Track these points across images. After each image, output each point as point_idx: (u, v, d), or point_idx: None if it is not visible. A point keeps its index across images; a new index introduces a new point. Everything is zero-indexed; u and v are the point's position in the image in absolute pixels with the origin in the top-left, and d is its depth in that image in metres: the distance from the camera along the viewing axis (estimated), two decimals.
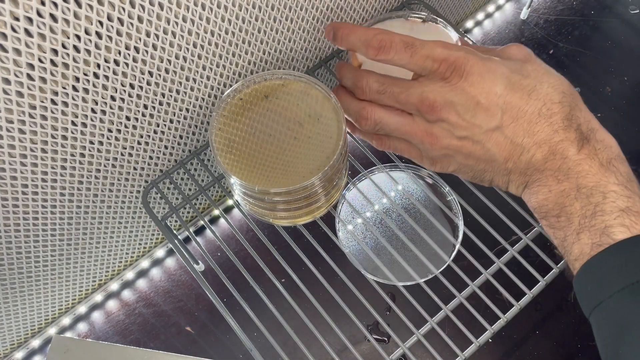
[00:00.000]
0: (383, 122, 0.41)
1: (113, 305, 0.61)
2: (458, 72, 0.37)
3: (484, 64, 0.37)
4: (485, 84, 0.36)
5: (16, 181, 0.40)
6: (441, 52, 0.37)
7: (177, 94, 0.44)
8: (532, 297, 0.43)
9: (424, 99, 0.38)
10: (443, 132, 0.38)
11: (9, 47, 0.31)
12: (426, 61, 0.38)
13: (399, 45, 0.38)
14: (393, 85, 0.40)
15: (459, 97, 0.37)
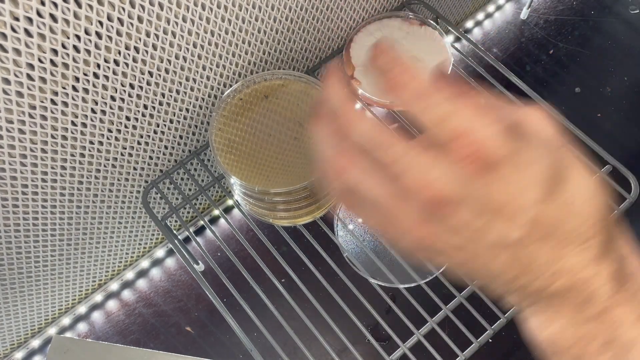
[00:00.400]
0: (361, 188, 0.30)
1: (113, 305, 0.61)
2: (484, 160, 0.27)
3: (519, 152, 0.27)
4: (518, 183, 0.27)
5: (16, 181, 0.40)
6: (465, 121, 0.27)
7: (177, 94, 0.44)
8: None
9: (429, 187, 0.27)
10: (440, 232, 0.29)
11: (9, 47, 0.31)
12: (439, 126, 0.28)
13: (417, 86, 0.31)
14: (384, 149, 0.29)
15: (477, 193, 0.27)
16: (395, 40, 0.50)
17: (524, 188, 0.27)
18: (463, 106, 0.26)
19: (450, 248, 0.28)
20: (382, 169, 0.28)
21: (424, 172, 0.26)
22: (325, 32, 0.52)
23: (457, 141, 0.26)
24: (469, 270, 0.29)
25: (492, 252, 0.28)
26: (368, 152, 0.28)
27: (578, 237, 0.27)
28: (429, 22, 0.50)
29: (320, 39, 0.53)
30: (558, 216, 0.27)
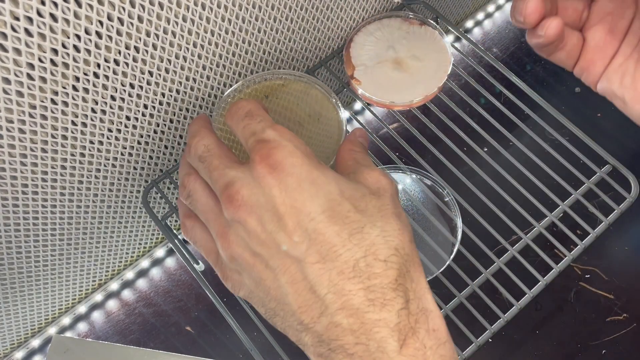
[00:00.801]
0: (194, 197, 0.33)
1: (113, 305, 0.61)
2: (272, 164, 0.28)
3: (311, 171, 0.28)
4: (299, 196, 0.27)
5: (16, 181, 0.40)
6: (269, 133, 0.29)
7: (177, 93, 0.44)
8: (532, 297, 0.43)
9: (229, 185, 0.29)
10: (237, 238, 0.29)
11: (9, 46, 0.31)
12: (250, 138, 0.30)
13: (241, 112, 0.32)
14: (216, 157, 0.32)
15: (263, 200, 0.28)
16: (395, 40, 0.50)
17: (305, 201, 0.27)
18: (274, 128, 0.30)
19: (244, 260, 0.29)
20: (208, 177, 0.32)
21: (234, 175, 0.30)
22: (325, 32, 0.52)
23: (257, 149, 0.29)
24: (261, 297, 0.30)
25: (277, 266, 0.28)
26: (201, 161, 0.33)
27: (360, 272, 0.26)
28: (429, 21, 0.50)
29: (320, 39, 0.53)
30: (335, 239, 0.26)
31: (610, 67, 0.33)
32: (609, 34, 0.32)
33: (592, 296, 0.59)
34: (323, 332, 0.27)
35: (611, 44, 0.33)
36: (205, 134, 0.34)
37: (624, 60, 0.32)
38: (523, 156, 0.47)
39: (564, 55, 0.34)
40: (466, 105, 0.49)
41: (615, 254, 0.61)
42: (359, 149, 0.35)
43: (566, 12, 0.34)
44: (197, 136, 0.34)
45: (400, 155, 0.61)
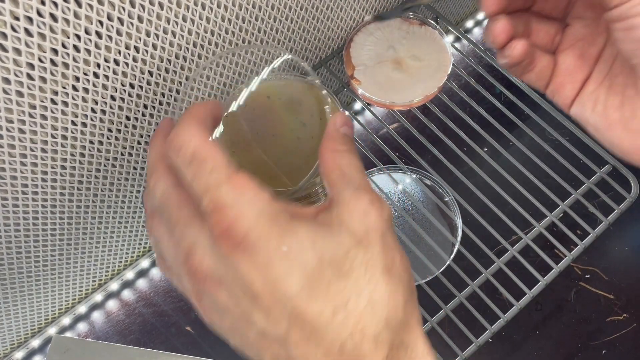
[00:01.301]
0: (160, 248, 0.29)
1: (113, 305, 0.61)
2: (235, 240, 0.24)
3: (281, 241, 0.24)
4: (272, 273, 0.24)
5: (16, 181, 0.40)
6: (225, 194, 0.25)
7: (177, 93, 0.44)
8: (532, 297, 0.43)
9: (190, 255, 0.26)
10: (211, 307, 0.27)
11: (9, 46, 0.31)
12: (204, 197, 0.25)
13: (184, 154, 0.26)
14: (174, 208, 0.27)
15: (231, 276, 0.25)
16: (395, 40, 0.50)
17: (278, 277, 0.24)
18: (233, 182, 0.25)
19: (223, 329, 0.27)
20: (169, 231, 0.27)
21: (192, 242, 0.26)
22: (325, 31, 0.52)
23: (213, 215, 0.24)
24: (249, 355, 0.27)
25: (258, 345, 0.26)
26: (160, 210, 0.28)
27: (347, 354, 0.24)
28: (429, 21, 0.50)
29: (321, 39, 0.53)
30: (317, 318, 0.24)
31: (582, 93, 0.33)
32: (579, 59, 0.32)
33: (592, 296, 0.59)
34: None
35: (581, 69, 0.33)
36: (162, 174, 0.28)
37: (595, 88, 0.32)
38: (523, 156, 0.47)
39: (534, 76, 0.34)
40: (466, 105, 0.49)
41: (615, 254, 0.61)
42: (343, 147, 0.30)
43: (538, 35, 0.34)
44: (154, 175, 0.29)
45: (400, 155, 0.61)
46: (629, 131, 0.29)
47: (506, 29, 0.31)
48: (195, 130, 0.26)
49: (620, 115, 0.30)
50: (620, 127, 0.30)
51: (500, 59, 0.33)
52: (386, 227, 0.27)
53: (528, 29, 0.33)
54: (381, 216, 0.26)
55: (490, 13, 0.31)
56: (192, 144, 0.26)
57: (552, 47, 0.34)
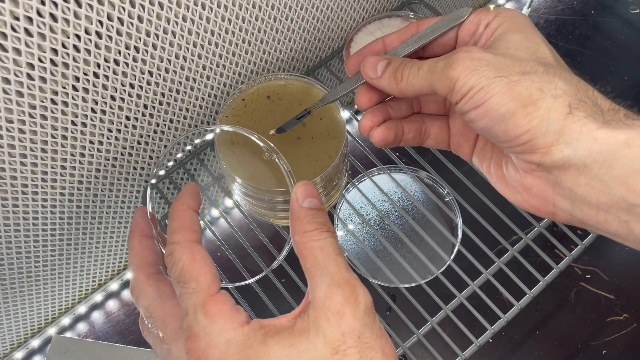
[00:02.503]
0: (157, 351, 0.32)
1: (113, 305, 0.61)
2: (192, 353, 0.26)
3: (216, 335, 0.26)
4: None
5: (16, 181, 0.40)
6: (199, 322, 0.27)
7: (177, 93, 0.44)
8: (532, 297, 0.43)
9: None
10: None
11: (9, 46, 0.31)
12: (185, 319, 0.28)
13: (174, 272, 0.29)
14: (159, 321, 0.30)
15: None
16: None
17: None
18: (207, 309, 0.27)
19: None
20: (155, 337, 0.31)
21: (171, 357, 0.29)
22: (325, 32, 0.52)
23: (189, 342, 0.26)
24: None
25: None
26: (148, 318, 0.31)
27: None
28: None
29: (321, 39, 0.53)
30: None
31: (475, 149, 0.35)
32: (465, 123, 0.35)
33: (592, 296, 0.59)
34: None
35: (470, 130, 0.35)
36: (143, 289, 0.31)
37: (483, 145, 0.34)
38: None
39: (433, 142, 0.37)
40: None
41: (615, 254, 0.61)
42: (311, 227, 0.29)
43: (428, 105, 0.37)
44: (136, 291, 0.32)
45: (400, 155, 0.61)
46: (510, 188, 0.32)
47: (367, 125, 0.35)
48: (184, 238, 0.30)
49: (502, 172, 0.32)
50: (503, 183, 0.32)
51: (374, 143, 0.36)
52: (362, 325, 0.26)
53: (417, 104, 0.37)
54: (355, 315, 0.26)
55: (362, 109, 0.35)
56: (181, 261, 0.28)
57: (445, 112, 0.37)
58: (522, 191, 0.31)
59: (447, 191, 0.54)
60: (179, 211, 0.31)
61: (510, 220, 0.45)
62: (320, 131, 0.42)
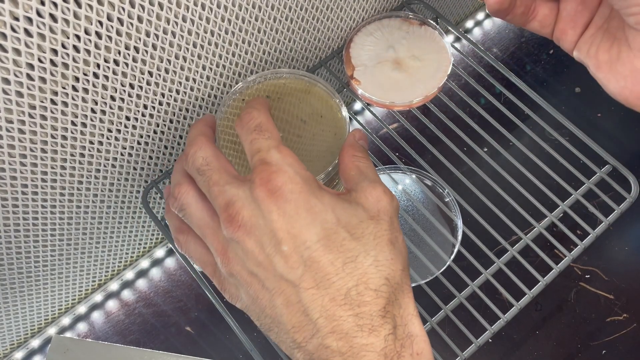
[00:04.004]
0: (188, 211, 0.33)
1: (113, 305, 0.61)
2: (272, 188, 0.29)
3: (309, 198, 0.29)
4: (296, 223, 0.28)
5: (16, 181, 0.40)
6: (273, 155, 0.30)
7: (177, 94, 0.44)
8: (532, 297, 0.43)
9: (230, 205, 0.30)
10: (236, 256, 0.30)
11: (8, 47, 0.31)
12: (255, 156, 0.31)
13: (251, 125, 0.33)
14: (216, 171, 0.32)
15: (262, 223, 0.29)
16: (395, 40, 0.50)
17: (301, 228, 0.28)
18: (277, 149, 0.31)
19: (242, 278, 0.30)
20: (207, 191, 0.32)
21: (228, 194, 0.30)
22: (325, 32, 0.52)
23: (257, 170, 0.30)
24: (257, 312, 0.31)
25: (273, 288, 0.29)
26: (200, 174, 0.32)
27: (351, 299, 0.28)
28: (429, 22, 0.50)
29: (320, 39, 0.53)
30: (329, 267, 0.28)
31: (583, 37, 0.34)
32: (580, 5, 0.34)
33: (592, 296, 0.59)
34: (314, 352, 0.28)
35: (582, 14, 0.34)
36: (204, 144, 0.33)
37: (594, 31, 0.33)
38: (523, 156, 0.47)
39: (538, 24, 0.36)
40: (466, 105, 0.49)
41: (615, 254, 0.61)
42: (361, 154, 0.35)
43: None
44: (195, 145, 0.34)
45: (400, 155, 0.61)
46: (614, 73, 0.31)
47: None
48: (263, 110, 0.33)
49: (608, 57, 0.32)
50: (607, 68, 0.32)
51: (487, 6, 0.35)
52: (394, 214, 0.31)
53: None
54: (391, 203, 0.31)
55: None
56: (259, 118, 0.33)
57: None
58: (630, 75, 0.30)
59: (447, 191, 0.54)
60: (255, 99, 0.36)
61: (510, 221, 0.45)
62: (322, 128, 0.42)
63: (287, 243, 0.28)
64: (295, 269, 0.28)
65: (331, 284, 0.28)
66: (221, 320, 0.56)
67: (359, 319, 0.27)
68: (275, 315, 0.29)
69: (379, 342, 0.27)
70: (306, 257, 0.28)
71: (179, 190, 0.34)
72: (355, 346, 0.27)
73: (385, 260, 0.29)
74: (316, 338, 0.28)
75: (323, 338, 0.28)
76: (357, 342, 0.27)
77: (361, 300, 0.28)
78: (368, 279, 0.28)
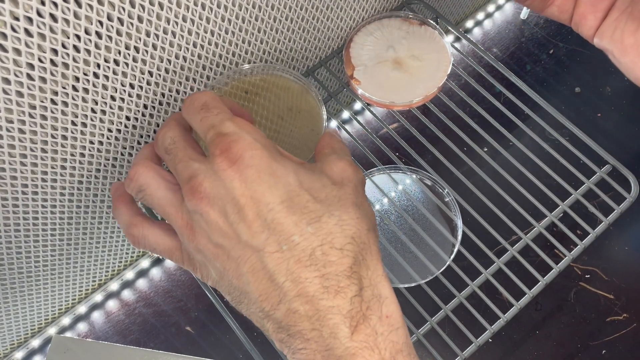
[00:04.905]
0: (147, 191, 0.32)
1: (113, 305, 0.61)
2: (232, 157, 0.28)
3: (270, 163, 0.29)
4: (259, 187, 0.28)
5: (16, 181, 0.40)
6: (228, 126, 0.30)
7: (177, 93, 0.45)
8: (532, 297, 0.43)
9: (192, 177, 0.29)
10: (201, 229, 0.29)
11: (8, 47, 0.31)
12: (209, 132, 0.30)
13: (196, 104, 0.32)
14: (182, 149, 0.32)
15: (223, 192, 0.28)
16: (395, 40, 0.50)
17: (263, 191, 0.28)
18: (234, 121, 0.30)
19: (209, 251, 0.30)
20: (173, 168, 0.32)
21: (191, 168, 0.30)
22: (325, 32, 0.52)
23: (216, 142, 0.29)
24: (226, 285, 0.30)
25: (239, 256, 0.28)
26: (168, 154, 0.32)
27: (316, 260, 0.27)
28: (428, 21, 0.50)
29: (320, 39, 0.53)
30: (292, 228, 0.27)
31: (605, 22, 0.34)
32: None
33: (592, 296, 0.59)
34: (282, 319, 0.28)
35: None
36: (173, 126, 0.33)
37: (618, 15, 0.33)
38: (523, 156, 0.47)
39: (556, 10, 0.35)
40: (466, 105, 0.49)
41: (615, 254, 0.61)
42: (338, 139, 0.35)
43: None
44: (165, 127, 0.34)
45: (400, 155, 0.61)
46: None
47: None
48: (207, 93, 0.32)
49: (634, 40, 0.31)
50: (634, 51, 0.31)
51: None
52: (359, 183, 0.31)
53: None
54: (356, 174, 0.31)
55: None
56: (204, 98, 0.32)
57: None
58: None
59: (447, 191, 0.54)
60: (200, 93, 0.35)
61: (510, 220, 0.45)
62: (299, 125, 0.42)
63: (250, 208, 0.28)
64: (259, 234, 0.28)
65: (295, 245, 0.27)
66: (221, 320, 0.56)
67: (325, 279, 0.27)
68: (243, 285, 0.29)
69: (345, 304, 0.27)
70: (269, 220, 0.28)
71: (135, 170, 0.33)
72: (322, 309, 0.26)
73: (351, 219, 0.29)
74: (283, 303, 0.27)
75: (290, 302, 0.27)
76: (323, 304, 0.27)
77: (326, 260, 0.27)
78: (333, 239, 0.28)
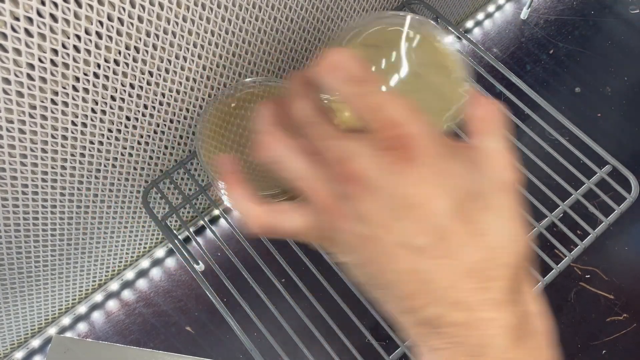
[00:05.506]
0: (282, 163, 0.30)
1: (113, 305, 0.61)
2: (407, 152, 0.26)
3: (444, 162, 0.27)
4: (427, 189, 0.26)
5: (16, 181, 0.40)
6: (401, 114, 0.27)
7: (177, 94, 0.44)
8: None
9: (346, 161, 0.27)
10: (349, 215, 0.28)
11: (9, 47, 0.31)
12: (372, 114, 0.27)
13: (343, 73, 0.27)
14: (325, 124, 0.29)
15: (392, 185, 0.26)
16: None
17: (435, 194, 0.26)
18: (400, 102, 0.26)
19: (354, 237, 0.28)
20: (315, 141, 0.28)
21: (346, 149, 0.27)
22: (325, 32, 0.52)
23: (386, 130, 0.26)
24: (368, 272, 0.29)
25: (394, 253, 0.27)
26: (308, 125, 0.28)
27: (477, 272, 0.26)
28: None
29: (321, 39, 0.53)
30: (465, 241, 0.26)
31: None
32: None
33: (592, 296, 0.59)
34: (430, 320, 0.27)
35: None
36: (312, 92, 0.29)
37: None
38: (523, 156, 0.47)
39: None
40: None
41: (615, 254, 0.61)
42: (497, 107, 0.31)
43: None
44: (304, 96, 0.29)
45: None
46: None
47: None
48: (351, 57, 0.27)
49: None
50: None
51: None
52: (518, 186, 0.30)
53: None
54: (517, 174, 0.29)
55: None
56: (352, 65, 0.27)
57: None
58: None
59: None
60: None
61: None
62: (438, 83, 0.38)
63: (415, 209, 0.27)
64: (421, 236, 0.27)
65: (457, 255, 0.27)
66: (221, 320, 0.56)
67: (485, 291, 0.26)
68: (388, 280, 0.28)
69: (506, 316, 0.26)
70: (433, 225, 0.27)
71: (270, 139, 0.29)
72: (479, 319, 0.26)
73: (514, 235, 0.28)
74: (434, 307, 0.27)
75: (443, 308, 0.26)
76: (480, 316, 0.26)
77: (489, 274, 0.27)
78: (496, 255, 0.27)
